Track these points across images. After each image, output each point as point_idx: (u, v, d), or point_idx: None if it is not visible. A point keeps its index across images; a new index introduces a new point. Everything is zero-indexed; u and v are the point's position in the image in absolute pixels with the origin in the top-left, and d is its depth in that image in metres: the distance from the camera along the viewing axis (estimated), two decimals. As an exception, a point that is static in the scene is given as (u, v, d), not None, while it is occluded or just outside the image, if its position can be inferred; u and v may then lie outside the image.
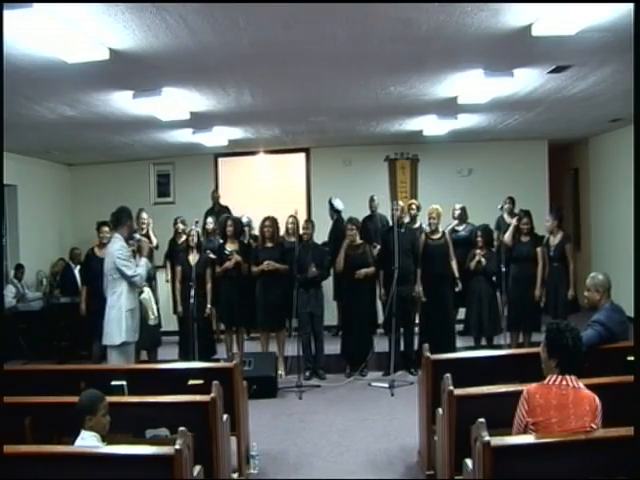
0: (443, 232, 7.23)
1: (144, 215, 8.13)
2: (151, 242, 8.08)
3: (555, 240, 6.98)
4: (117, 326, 5.09)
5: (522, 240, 6.99)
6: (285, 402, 6.24)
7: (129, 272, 5.07)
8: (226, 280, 7.13)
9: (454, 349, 6.73)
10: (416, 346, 6.99)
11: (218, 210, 9.02)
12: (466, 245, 7.32)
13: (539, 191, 9.77)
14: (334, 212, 8.53)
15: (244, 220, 8.08)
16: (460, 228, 7.87)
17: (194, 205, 9.35)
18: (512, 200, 7.97)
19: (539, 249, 6.93)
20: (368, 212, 8.44)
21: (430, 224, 7.16)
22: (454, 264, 7.05)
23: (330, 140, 9.49)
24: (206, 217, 8.38)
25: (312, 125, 8.05)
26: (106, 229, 7.17)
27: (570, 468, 2.75)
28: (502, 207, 7.76)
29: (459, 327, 7.53)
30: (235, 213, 8.66)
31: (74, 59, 4.25)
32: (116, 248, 5.12)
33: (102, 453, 2.92)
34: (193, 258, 6.86)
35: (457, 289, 7.10)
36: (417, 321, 7.83)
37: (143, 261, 5.32)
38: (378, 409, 5.90)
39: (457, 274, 7.04)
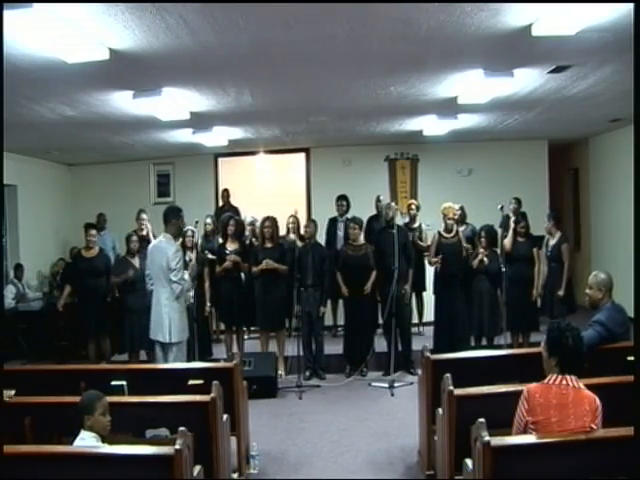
0: (456, 230, 7.18)
1: (144, 216, 8.15)
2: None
3: (553, 241, 7.03)
4: (171, 326, 5.31)
5: (519, 240, 7.00)
6: (285, 402, 6.23)
7: (174, 278, 5.28)
8: (226, 280, 7.13)
9: (468, 347, 6.73)
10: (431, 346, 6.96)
11: (228, 210, 9.00)
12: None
13: (539, 191, 9.78)
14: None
15: (248, 219, 8.05)
16: (461, 229, 7.82)
17: (194, 205, 9.35)
18: (518, 200, 7.96)
19: (535, 250, 6.94)
20: (369, 212, 8.43)
21: (447, 224, 7.08)
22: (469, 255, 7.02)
23: (330, 140, 9.49)
24: (217, 216, 8.37)
25: (312, 125, 8.05)
26: (93, 232, 7.23)
27: (570, 468, 2.75)
28: (502, 207, 7.76)
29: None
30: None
31: (74, 59, 4.24)
32: (172, 252, 5.32)
33: (102, 453, 2.92)
34: (190, 258, 6.86)
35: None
36: (415, 320, 7.85)
37: (187, 276, 5.55)
38: (378, 409, 5.90)
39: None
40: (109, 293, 7.16)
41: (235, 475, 4.30)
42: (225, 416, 4.02)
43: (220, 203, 9.84)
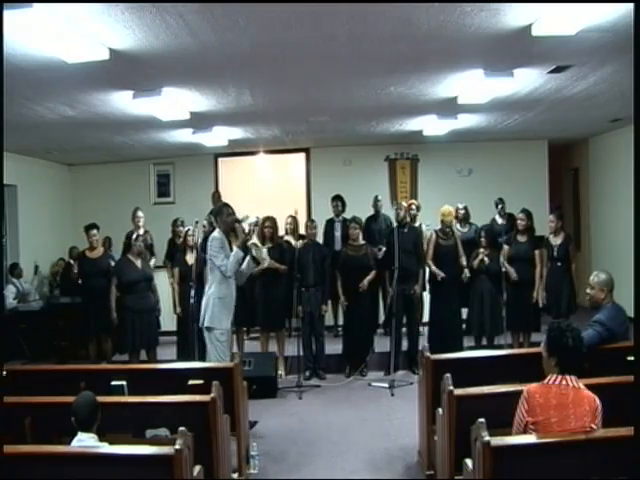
0: (453, 232, 7.20)
1: (140, 214, 8.17)
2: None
3: (558, 240, 6.91)
4: (206, 311, 5.40)
5: (519, 240, 6.95)
6: (285, 402, 6.24)
7: (217, 262, 5.38)
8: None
9: (461, 349, 6.72)
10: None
11: None
12: (471, 246, 7.26)
13: (539, 191, 9.78)
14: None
15: (252, 220, 8.02)
16: (464, 230, 7.78)
17: (194, 205, 9.35)
18: (502, 200, 7.92)
19: (537, 251, 6.90)
20: (368, 212, 8.42)
21: (442, 229, 7.09)
22: (463, 260, 7.02)
23: (330, 140, 9.49)
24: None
25: (312, 125, 8.05)
26: (94, 231, 7.22)
27: (570, 468, 2.75)
28: (502, 207, 7.75)
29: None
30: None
31: (74, 59, 4.25)
32: (210, 240, 5.51)
33: (102, 453, 2.91)
34: (190, 258, 6.85)
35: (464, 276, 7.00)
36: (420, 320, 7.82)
37: (234, 250, 5.43)
38: (378, 409, 5.90)
39: (465, 263, 7.00)
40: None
41: (235, 475, 4.29)
42: (225, 416, 4.02)
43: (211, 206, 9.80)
